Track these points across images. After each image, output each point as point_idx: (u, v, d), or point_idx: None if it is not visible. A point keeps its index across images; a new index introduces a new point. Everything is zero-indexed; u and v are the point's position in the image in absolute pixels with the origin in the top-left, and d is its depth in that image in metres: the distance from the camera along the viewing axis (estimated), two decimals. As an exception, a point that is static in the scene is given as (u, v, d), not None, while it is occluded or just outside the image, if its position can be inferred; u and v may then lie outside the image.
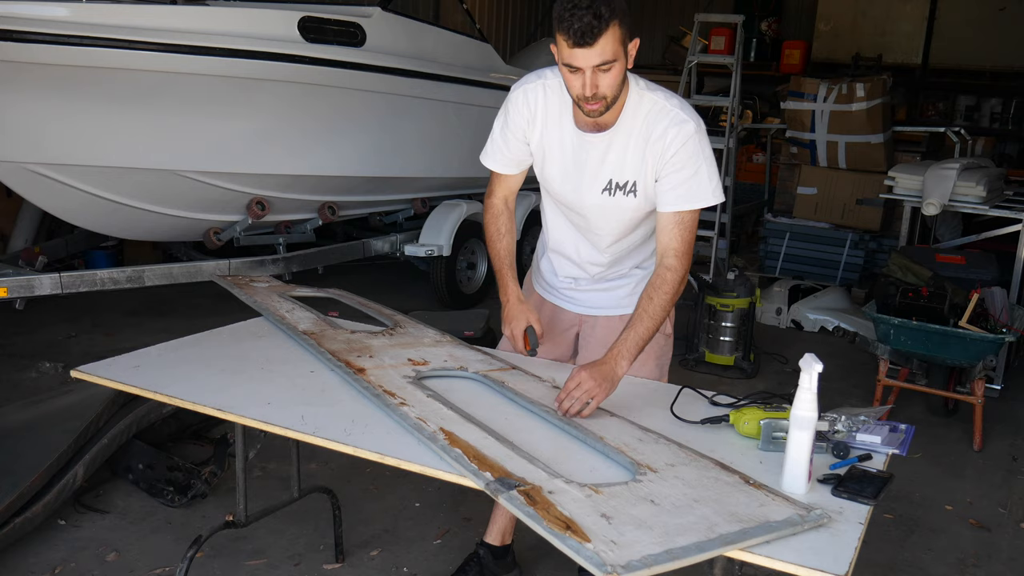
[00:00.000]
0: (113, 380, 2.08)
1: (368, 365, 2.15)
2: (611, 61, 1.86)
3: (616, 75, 1.89)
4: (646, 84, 2.05)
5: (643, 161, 2.02)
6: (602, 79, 1.88)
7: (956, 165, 4.86)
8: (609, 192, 2.07)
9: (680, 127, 1.98)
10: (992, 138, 8.42)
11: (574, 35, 1.81)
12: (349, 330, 2.40)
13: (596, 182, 2.08)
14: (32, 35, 3.50)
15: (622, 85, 1.94)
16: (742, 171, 8.13)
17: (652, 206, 2.08)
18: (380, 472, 3.23)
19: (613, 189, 2.07)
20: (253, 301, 2.64)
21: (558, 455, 1.73)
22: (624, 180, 2.05)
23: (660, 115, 2.00)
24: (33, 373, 4.19)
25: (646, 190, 2.05)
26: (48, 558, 2.71)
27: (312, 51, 4.40)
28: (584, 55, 1.84)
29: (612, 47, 1.84)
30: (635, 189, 2.06)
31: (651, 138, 2.00)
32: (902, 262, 4.37)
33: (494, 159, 2.23)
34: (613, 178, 2.06)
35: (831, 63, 8.66)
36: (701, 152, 2.01)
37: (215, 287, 3.07)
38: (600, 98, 1.91)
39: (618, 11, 1.83)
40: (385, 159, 5.10)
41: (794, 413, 1.61)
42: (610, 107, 1.95)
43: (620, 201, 2.08)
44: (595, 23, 1.79)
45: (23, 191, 4.00)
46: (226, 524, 2.42)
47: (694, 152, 1.99)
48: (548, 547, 1.41)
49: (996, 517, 3.31)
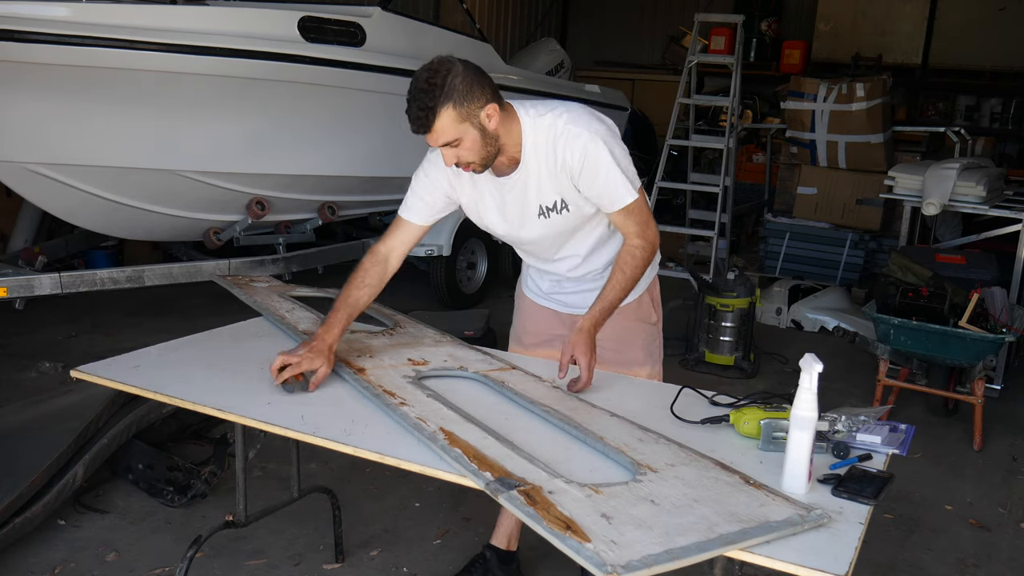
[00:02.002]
0: (113, 380, 2.08)
1: (368, 365, 2.15)
2: (456, 139, 1.94)
3: (470, 147, 1.96)
4: (536, 110, 2.07)
5: (558, 182, 2.08)
6: (459, 152, 1.97)
7: (956, 165, 4.86)
8: (544, 215, 2.14)
9: (574, 142, 2.02)
10: (992, 138, 8.42)
11: (412, 124, 1.93)
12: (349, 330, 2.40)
13: (528, 211, 2.14)
14: (33, 35, 3.50)
15: (488, 147, 1.99)
16: (742, 171, 8.13)
17: (589, 215, 2.15)
18: (380, 472, 3.23)
19: (546, 212, 2.13)
20: (253, 301, 2.64)
21: (558, 455, 1.72)
22: (552, 202, 2.12)
23: (556, 138, 2.04)
24: (33, 373, 4.19)
25: (576, 201, 2.12)
26: (48, 558, 2.71)
27: (312, 51, 4.40)
28: (430, 138, 1.95)
29: (451, 128, 1.92)
30: (566, 206, 2.12)
31: (557, 163, 2.05)
32: (902, 262, 4.37)
33: (409, 210, 2.23)
34: (542, 203, 2.13)
35: (831, 63, 8.66)
36: (604, 153, 2.03)
37: (215, 287, 3.07)
38: (466, 164, 2.00)
39: (451, 93, 1.89)
40: (385, 159, 5.10)
41: (794, 413, 1.61)
42: (488, 165, 2.03)
43: (556, 220, 2.15)
44: (422, 115, 1.89)
45: (23, 191, 4.00)
46: (226, 524, 2.42)
47: (597, 158, 2.03)
48: (548, 547, 1.41)
49: (996, 517, 3.31)
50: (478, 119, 1.94)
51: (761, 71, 9.43)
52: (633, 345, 2.32)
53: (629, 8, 10.85)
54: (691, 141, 6.71)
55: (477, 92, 1.92)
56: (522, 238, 2.23)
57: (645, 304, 2.34)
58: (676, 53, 9.62)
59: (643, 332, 2.33)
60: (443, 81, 1.88)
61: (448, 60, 1.93)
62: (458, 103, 1.90)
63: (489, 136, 1.97)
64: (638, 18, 10.87)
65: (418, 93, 1.90)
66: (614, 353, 2.25)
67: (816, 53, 9.17)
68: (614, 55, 10.80)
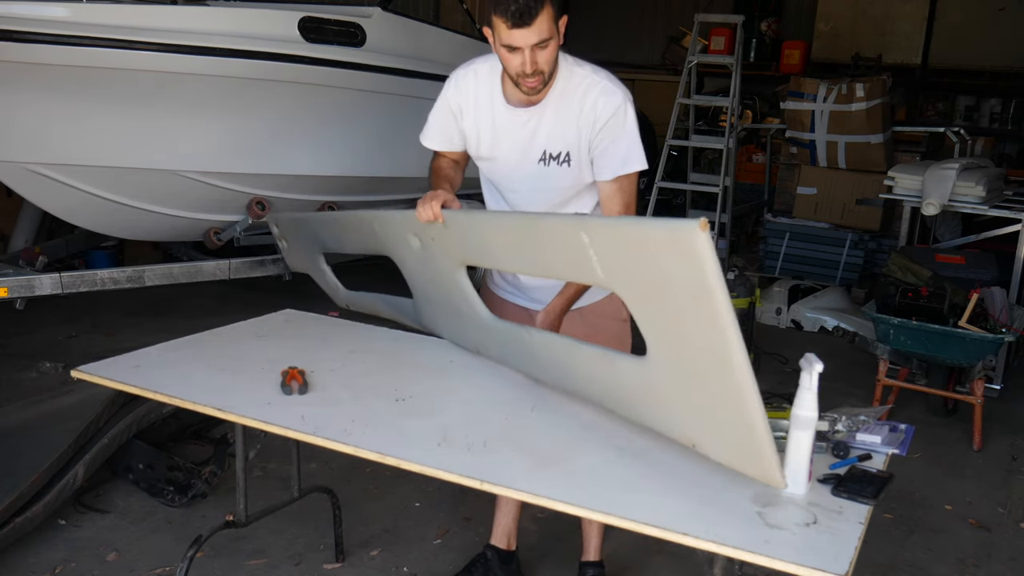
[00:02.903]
0: (113, 380, 2.08)
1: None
2: (548, 39, 1.96)
3: (552, 51, 2.00)
4: (574, 60, 2.14)
5: (576, 132, 2.11)
6: (540, 56, 1.98)
7: (956, 165, 4.86)
8: (544, 163, 2.15)
9: (609, 97, 2.08)
10: (992, 138, 8.41)
11: (512, 16, 1.92)
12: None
13: (530, 154, 2.16)
14: (32, 35, 3.50)
15: (557, 59, 2.04)
16: (742, 171, 8.12)
17: (585, 180, 2.17)
18: (380, 472, 3.23)
19: (547, 160, 2.15)
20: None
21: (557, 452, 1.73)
22: (557, 151, 2.13)
23: (590, 87, 2.09)
24: (33, 373, 4.19)
25: (579, 160, 2.14)
26: (48, 558, 2.72)
27: (312, 51, 4.40)
28: (523, 35, 1.94)
29: (548, 25, 1.95)
30: (568, 159, 2.14)
31: (583, 109, 2.09)
32: (902, 262, 4.37)
33: (432, 138, 2.31)
34: (547, 149, 2.14)
35: (831, 63, 8.65)
36: (631, 118, 2.11)
37: (215, 287, 3.07)
38: (539, 73, 2.01)
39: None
40: (385, 159, 5.09)
41: (794, 413, 1.61)
42: (547, 82, 2.06)
43: (554, 171, 2.16)
44: (532, 4, 1.91)
45: (23, 191, 4.00)
46: (226, 524, 2.43)
47: (624, 120, 2.09)
48: (548, 547, 1.41)
49: (996, 517, 3.31)
50: (561, 28, 2.00)
51: (761, 71, 9.43)
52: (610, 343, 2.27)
53: (629, 8, 10.84)
54: (691, 141, 6.71)
55: (560, 2, 1.98)
56: (511, 178, 2.23)
57: (616, 302, 2.34)
58: (676, 53, 9.62)
59: (615, 328, 2.34)
60: None
61: None
62: (554, 3, 1.95)
63: (559, 48, 2.03)
64: (638, 18, 10.86)
65: None
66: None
67: (816, 53, 9.16)
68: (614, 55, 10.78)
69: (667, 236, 1.47)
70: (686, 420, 1.66)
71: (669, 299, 1.52)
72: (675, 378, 1.63)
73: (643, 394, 1.75)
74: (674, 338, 1.57)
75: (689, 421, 1.65)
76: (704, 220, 1.39)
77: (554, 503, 1.57)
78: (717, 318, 1.42)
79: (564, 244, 1.74)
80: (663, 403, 1.70)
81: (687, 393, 1.61)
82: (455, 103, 2.22)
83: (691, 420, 1.65)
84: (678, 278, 1.47)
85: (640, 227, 1.56)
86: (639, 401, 1.77)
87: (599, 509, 1.54)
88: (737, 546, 1.42)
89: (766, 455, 1.49)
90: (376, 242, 2.47)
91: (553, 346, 1.99)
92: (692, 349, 1.53)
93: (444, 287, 2.24)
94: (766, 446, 1.48)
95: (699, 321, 1.46)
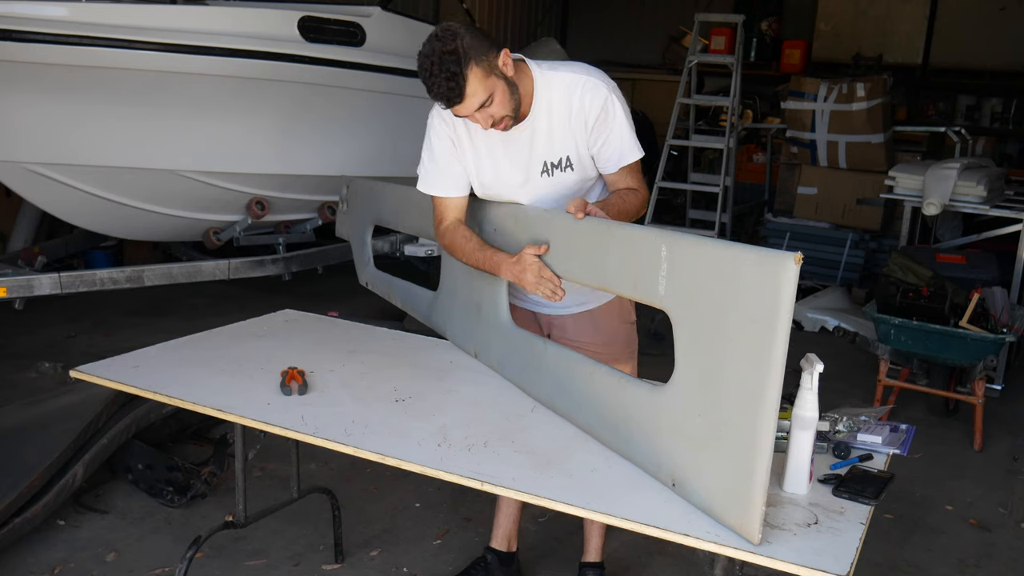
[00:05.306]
0: (113, 380, 2.08)
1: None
2: (487, 96, 1.93)
3: (500, 100, 1.96)
4: (548, 65, 2.10)
5: (571, 135, 2.08)
6: (491, 111, 1.96)
7: (956, 165, 4.85)
8: (547, 173, 2.12)
9: (594, 92, 2.05)
10: (992, 138, 8.41)
11: (442, 101, 1.91)
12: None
13: (532, 168, 2.13)
14: (32, 35, 3.50)
15: (514, 95, 1.99)
16: (742, 171, 8.11)
17: (590, 175, 2.15)
18: (380, 472, 3.23)
19: (550, 169, 2.12)
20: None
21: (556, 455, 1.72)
22: (557, 158, 2.11)
23: (572, 88, 2.06)
24: (33, 373, 4.18)
25: (581, 161, 2.12)
26: (48, 558, 2.71)
27: (312, 51, 4.40)
28: (462, 109, 1.94)
29: (481, 87, 1.91)
30: (570, 163, 2.12)
31: (572, 111, 2.06)
32: (902, 262, 4.36)
33: (431, 184, 2.20)
34: (547, 159, 2.12)
35: (831, 63, 8.64)
36: (620, 108, 2.08)
37: (215, 287, 3.07)
38: (500, 120, 1.99)
39: (470, 52, 1.88)
40: (385, 159, 5.10)
41: (795, 413, 1.61)
42: (518, 115, 2.02)
43: (559, 178, 2.13)
44: (452, 85, 1.88)
45: (23, 191, 4.00)
46: (226, 524, 2.42)
47: (613, 113, 2.06)
48: (548, 547, 1.41)
49: (996, 517, 3.30)
50: (499, 69, 1.94)
51: (761, 71, 9.41)
52: (618, 343, 2.35)
53: (629, 8, 10.83)
54: (691, 141, 6.70)
55: (487, 44, 1.93)
56: (519, 195, 2.17)
57: (625, 304, 2.36)
58: (676, 53, 9.61)
59: (624, 331, 2.37)
60: (457, 45, 1.87)
61: (448, 27, 1.92)
62: (479, 60, 1.89)
63: (512, 84, 1.98)
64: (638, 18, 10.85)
65: (438, 66, 1.86)
66: (606, 348, 2.27)
67: (816, 53, 9.15)
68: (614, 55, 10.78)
69: (756, 261, 1.45)
70: (678, 456, 1.59)
71: (725, 326, 1.47)
72: (691, 409, 1.56)
73: (641, 420, 1.69)
74: (712, 366, 1.51)
75: (681, 457, 1.58)
76: (799, 255, 1.39)
77: (555, 503, 1.57)
78: (770, 350, 1.39)
79: (635, 253, 1.70)
80: (660, 434, 1.63)
81: (696, 427, 1.54)
82: (448, 139, 2.14)
83: (684, 456, 1.58)
84: (747, 304, 1.44)
85: (729, 249, 1.51)
86: (633, 428, 1.71)
87: (600, 509, 1.54)
88: (738, 546, 1.42)
89: (754, 505, 1.42)
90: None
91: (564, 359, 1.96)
92: (726, 381, 1.48)
93: (479, 281, 2.23)
94: (757, 496, 1.41)
95: (748, 350, 1.43)
